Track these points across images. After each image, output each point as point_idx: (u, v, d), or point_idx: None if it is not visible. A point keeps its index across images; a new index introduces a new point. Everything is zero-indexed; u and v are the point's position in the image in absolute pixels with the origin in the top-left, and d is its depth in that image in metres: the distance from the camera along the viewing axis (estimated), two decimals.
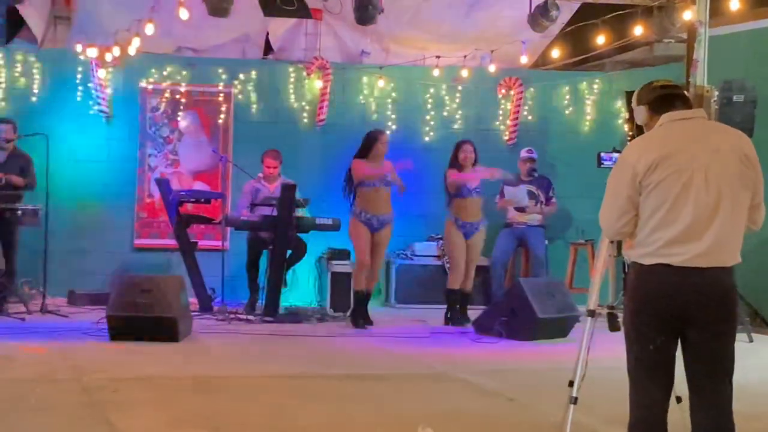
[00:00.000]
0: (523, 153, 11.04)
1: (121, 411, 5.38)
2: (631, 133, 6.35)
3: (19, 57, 11.08)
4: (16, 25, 11.57)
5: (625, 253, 3.93)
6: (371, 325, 9.34)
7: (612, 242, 4.28)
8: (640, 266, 3.78)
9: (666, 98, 3.90)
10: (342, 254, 10.29)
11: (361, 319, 9.36)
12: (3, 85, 10.96)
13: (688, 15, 9.63)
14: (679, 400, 3.98)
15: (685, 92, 4.00)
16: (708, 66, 9.23)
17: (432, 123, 11.86)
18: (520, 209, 10.84)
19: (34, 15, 11.25)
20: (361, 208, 9.27)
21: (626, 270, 3.97)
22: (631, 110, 4.14)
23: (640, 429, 3.80)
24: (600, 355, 4.58)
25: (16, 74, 11.02)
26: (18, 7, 10.67)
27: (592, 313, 4.36)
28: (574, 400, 4.30)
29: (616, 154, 9.60)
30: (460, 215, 9.54)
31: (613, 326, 4.18)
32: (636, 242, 3.81)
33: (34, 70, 11.05)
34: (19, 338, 7.92)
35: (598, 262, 4.44)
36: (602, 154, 10.12)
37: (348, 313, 9.71)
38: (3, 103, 10.85)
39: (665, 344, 3.76)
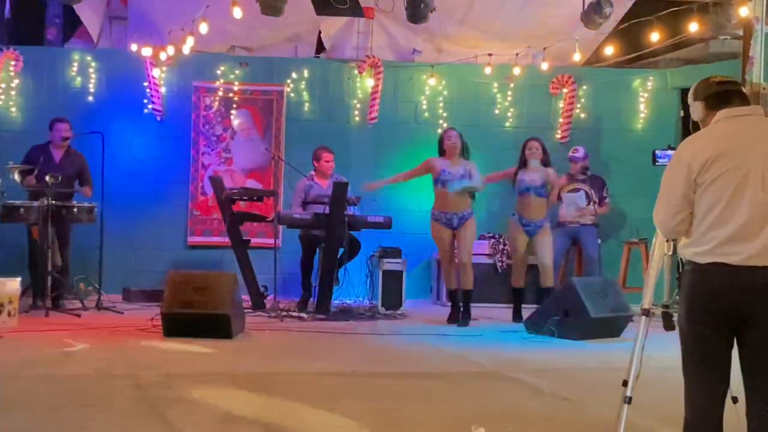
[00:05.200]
0: (570, 153, 10.95)
1: (175, 407, 5.43)
2: None
3: (75, 56, 11.23)
4: (72, 24, 11.75)
5: (680, 251, 3.88)
6: (465, 325, 9.29)
7: (667, 240, 4.24)
8: (696, 265, 3.74)
9: (723, 94, 3.85)
10: (393, 252, 10.29)
11: (453, 317, 9.48)
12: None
13: (744, 11, 9.50)
14: (735, 400, 3.93)
15: (743, 88, 3.95)
16: (764, 63, 9.10)
17: (483, 121, 11.81)
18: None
19: (90, 15, 11.41)
20: (436, 208, 9.37)
21: (681, 269, 3.92)
22: (686, 107, 4.11)
23: (695, 429, 3.76)
24: (654, 354, 4.54)
25: (73, 73, 11.17)
26: (75, 7, 10.82)
27: (646, 312, 4.31)
28: (629, 400, 4.26)
29: (671, 152, 9.47)
30: (524, 213, 9.57)
31: (668, 325, 4.14)
32: (691, 240, 3.77)
33: (90, 70, 11.20)
34: (75, 334, 8.04)
35: (653, 260, 4.39)
36: (657, 152, 9.95)
37: None
38: (60, 102, 10.99)
39: (721, 343, 3.71)
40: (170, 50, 10.91)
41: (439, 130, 10.60)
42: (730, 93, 3.86)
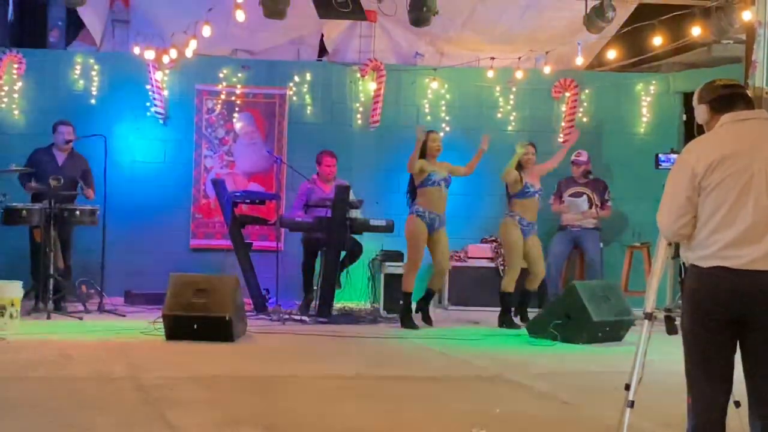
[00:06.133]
0: (573, 157, 10.95)
1: (176, 409, 5.43)
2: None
3: (78, 59, 11.23)
4: (75, 27, 11.75)
5: (683, 255, 3.88)
6: (430, 326, 9.41)
7: (670, 244, 4.23)
8: (699, 268, 3.74)
9: (727, 98, 3.85)
10: (396, 256, 10.28)
11: (411, 320, 9.41)
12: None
13: (747, 15, 9.49)
14: (737, 404, 3.92)
15: (747, 92, 3.95)
16: (767, 67, 9.09)
17: (486, 125, 11.80)
18: (576, 213, 10.78)
19: (93, 18, 11.41)
20: (424, 207, 9.31)
21: (683, 272, 3.92)
22: (688, 111, 4.11)
23: None
24: (657, 358, 4.53)
25: (75, 76, 11.18)
26: (77, 10, 10.83)
27: (649, 316, 4.30)
28: (631, 404, 4.25)
29: (674, 155, 9.51)
30: (524, 215, 9.55)
31: (671, 329, 4.13)
32: (694, 244, 3.77)
33: (93, 73, 11.20)
34: (77, 337, 8.03)
35: (656, 264, 4.38)
36: (660, 155, 10.02)
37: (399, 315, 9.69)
38: (63, 105, 10.98)
39: (723, 347, 3.71)
40: (173, 53, 10.90)
41: (442, 134, 10.60)
42: (735, 96, 3.85)
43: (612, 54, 11.49)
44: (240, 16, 9.64)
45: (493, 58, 11.54)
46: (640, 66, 12.23)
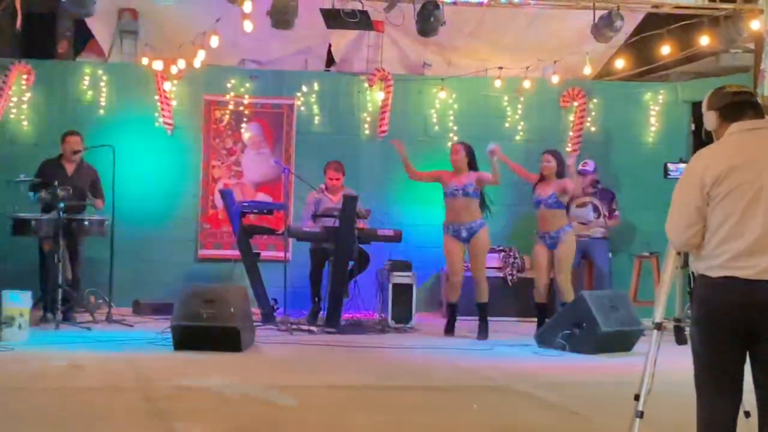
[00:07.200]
0: (579, 167, 10.91)
1: (185, 419, 5.43)
2: None
3: (86, 70, 11.26)
4: (83, 38, 11.79)
5: (692, 265, 3.87)
6: (485, 338, 9.38)
7: (679, 254, 4.22)
8: (707, 279, 3.73)
9: (737, 106, 3.84)
10: (403, 266, 10.26)
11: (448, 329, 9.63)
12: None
13: (755, 25, 9.50)
14: (747, 415, 3.91)
15: (758, 99, 3.93)
16: None
17: (494, 135, 11.78)
18: (583, 222, 10.76)
19: (101, 29, 11.45)
20: (448, 219, 9.43)
21: (693, 282, 3.90)
22: (697, 120, 4.10)
23: None
24: (666, 368, 4.51)
25: (84, 87, 11.20)
26: (86, 21, 10.86)
27: (658, 326, 4.29)
28: (640, 414, 4.24)
29: (682, 165, 9.48)
30: (539, 226, 9.52)
31: (680, 339, 4.12)
32: (703, 254, 3.76)
33: (101, 83, 11.22)
34: (86, 347, 8.04)
35: (665, 274, 4.37)
36: (669, 165, 9.99)
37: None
38: (71, 116, 11.00)
39: (732, 358, 3.70)
40: (181, 64, 10.92)
41: (449, 144, 10.63)
42: (744, 104, 3.84)
43: (620, 63, 11.49)
44: (248, 26, 9.66)
45: (500, 68, 11.54)
46: (649, 75, 12.22)
